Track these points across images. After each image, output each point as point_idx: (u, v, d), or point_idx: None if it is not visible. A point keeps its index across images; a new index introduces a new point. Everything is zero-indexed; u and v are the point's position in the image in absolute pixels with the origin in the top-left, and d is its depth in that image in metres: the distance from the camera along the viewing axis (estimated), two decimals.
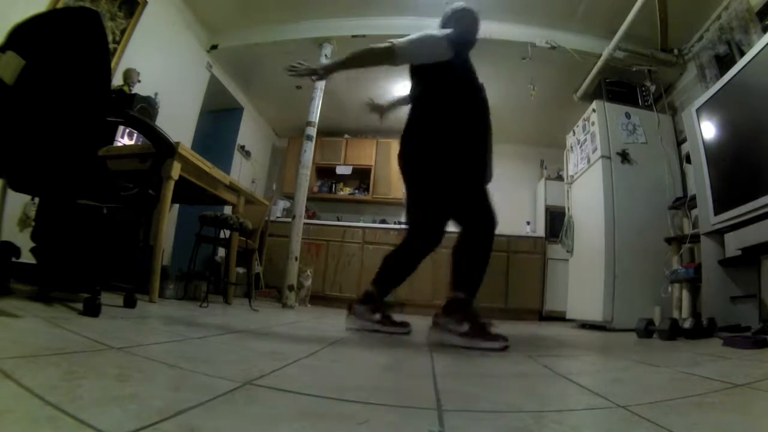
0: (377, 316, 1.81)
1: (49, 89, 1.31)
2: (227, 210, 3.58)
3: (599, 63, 3.46)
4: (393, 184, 5.13)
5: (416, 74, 1.89)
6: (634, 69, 3.48)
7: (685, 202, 2.98)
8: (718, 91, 2.36)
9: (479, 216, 1.78)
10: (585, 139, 3.63)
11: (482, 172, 1.84)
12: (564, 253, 4.06)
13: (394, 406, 0.66)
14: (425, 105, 1.84)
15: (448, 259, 1.76)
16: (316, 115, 3.62)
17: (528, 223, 5.06)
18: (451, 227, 1.86)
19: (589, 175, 3.51)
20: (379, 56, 1.73)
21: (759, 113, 2.03)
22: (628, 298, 2.99)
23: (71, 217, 1.70)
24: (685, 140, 3.13)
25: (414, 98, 1.93)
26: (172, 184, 2.24)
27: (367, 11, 3.62)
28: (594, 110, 3.46)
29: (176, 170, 2.24)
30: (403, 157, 1.86)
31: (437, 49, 1.73)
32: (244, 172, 4.95)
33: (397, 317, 1.92)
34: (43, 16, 1.42)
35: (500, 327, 1.65)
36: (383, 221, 5.11)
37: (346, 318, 1.87)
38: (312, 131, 3.58)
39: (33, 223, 1.90)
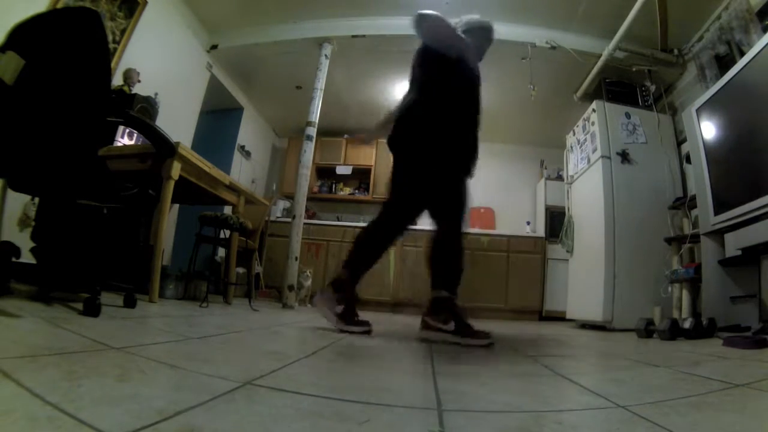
0: (339, 309, 1.73)
1: (50, 89, 1.31)
2: (227, 210, 3.58)
3: (599, 63, 3.46)
4: None
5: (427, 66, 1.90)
6: (634, 69, 3.48)
7: (685, 202, 2.97)
8: (718, 91, 2.36)
9: (455, 210, 1.82)
10: (585, 139, 3.63)
11: (467, 167, 1.88)
12: (564, 253, 4.06)
13: (394, 406, 0.66)
14: (429, 95, 1.84)
15: (424, 258, 1.82)
16: (316, 115, 3.62)
17: (528, 223, 5.06)
18: (424, 225, 1.90)
19: (589, 175, 3.51)
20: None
21: (759, 113, 2.04)
22: (628, 298, 2.99)
23: (71, 217, 1.70)
24: (685, 140, 3.13)
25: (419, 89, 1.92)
26: (172, 184, 2.24)
27: (367, 11, 3.62)
28: (594, 110, 3.46)
29: (176, 170, 2.24)
30: (398, 138, 1.88)
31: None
32: (244, 172, 4.95)
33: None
34: (43, 16, 1.42)
35: (499, 327, 1.67)
36: None
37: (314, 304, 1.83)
38: (312, 131, 3.58)
39: (33, 223, 1.90)
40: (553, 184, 4.87)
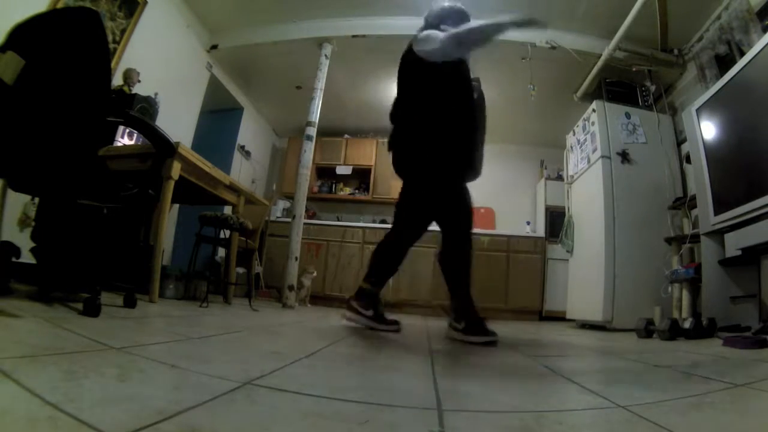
0: (369, 312, 1.88)
1: (50, 89, 1.31)
2: (227, 210, 3.58)
3: (599, 63, 3.46)
4: (393, 184, 5.12)
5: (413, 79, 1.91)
6: (634, 69, 3.48)
7: (685, 202, 2.97)
8: (718, 91, 2.36)
9: (457, 216, 1.87)
10: (585, 139, 3.63)
11: (463, 172, 1.91)
12: (564, 253, 4.06)
13: (394, 406, 0.66)
14: (419, 111, 1.87)
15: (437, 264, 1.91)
16: (316, 115, 3.62)
17: (528, 223, 5.06)
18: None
19: (589, 175, 3.51)
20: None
21: (759, 113, 2.03)
22: (628, 298, 2.99)
23: (71, 217, 1.70)
24: (685, 140, 3.13)
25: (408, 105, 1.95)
26: (172, 184, 2.24)
27: (367, 11, 3.61)
28: (594, 110, 3.46)
29: (176, 170, 2.24)
30: (396, 163, 1.96)
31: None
32: (244, 172, 4.95)
33: (389, 316, 1.97)
34: (44, 16, 1.42)
35: (500, 327, 1.69)
36: (383, 221, 5.11)
37: (343, 314, 1.96)
38: (312, 131, 3.58)
39: (33, 223, 1.90)
40: (553, 184, 4.87)
